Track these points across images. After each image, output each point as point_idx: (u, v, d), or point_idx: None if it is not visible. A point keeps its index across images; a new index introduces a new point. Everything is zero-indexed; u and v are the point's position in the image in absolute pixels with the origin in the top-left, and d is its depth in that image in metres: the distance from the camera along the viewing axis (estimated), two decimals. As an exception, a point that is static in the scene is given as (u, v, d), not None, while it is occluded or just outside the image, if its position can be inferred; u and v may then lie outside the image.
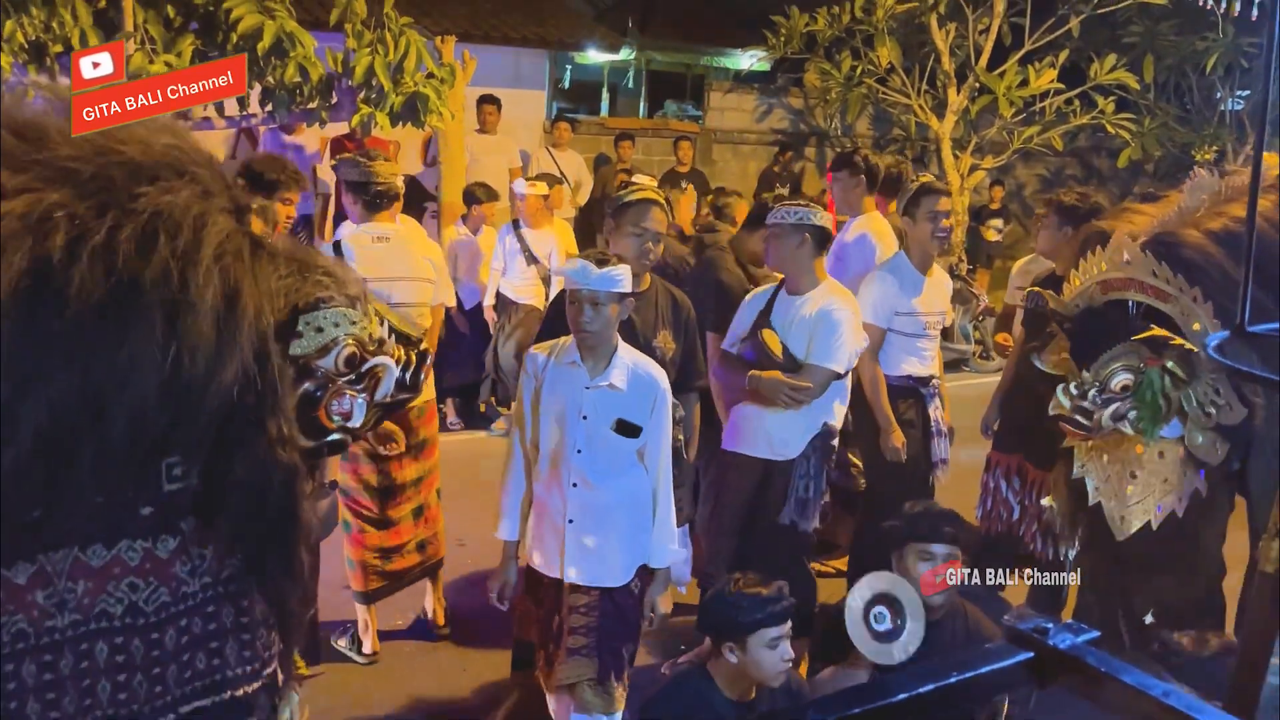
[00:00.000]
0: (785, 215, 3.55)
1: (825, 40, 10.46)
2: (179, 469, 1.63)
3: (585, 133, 10.86)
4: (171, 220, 1.50)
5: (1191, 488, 3.05)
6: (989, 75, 9.81)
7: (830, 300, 3.55)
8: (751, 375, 3.55)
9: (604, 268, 2.80)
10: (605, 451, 2.90)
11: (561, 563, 2.93)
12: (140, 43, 5.63)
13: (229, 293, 1.55)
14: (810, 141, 11.76)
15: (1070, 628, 1.00)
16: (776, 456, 3.58)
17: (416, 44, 6.30)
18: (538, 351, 3.00)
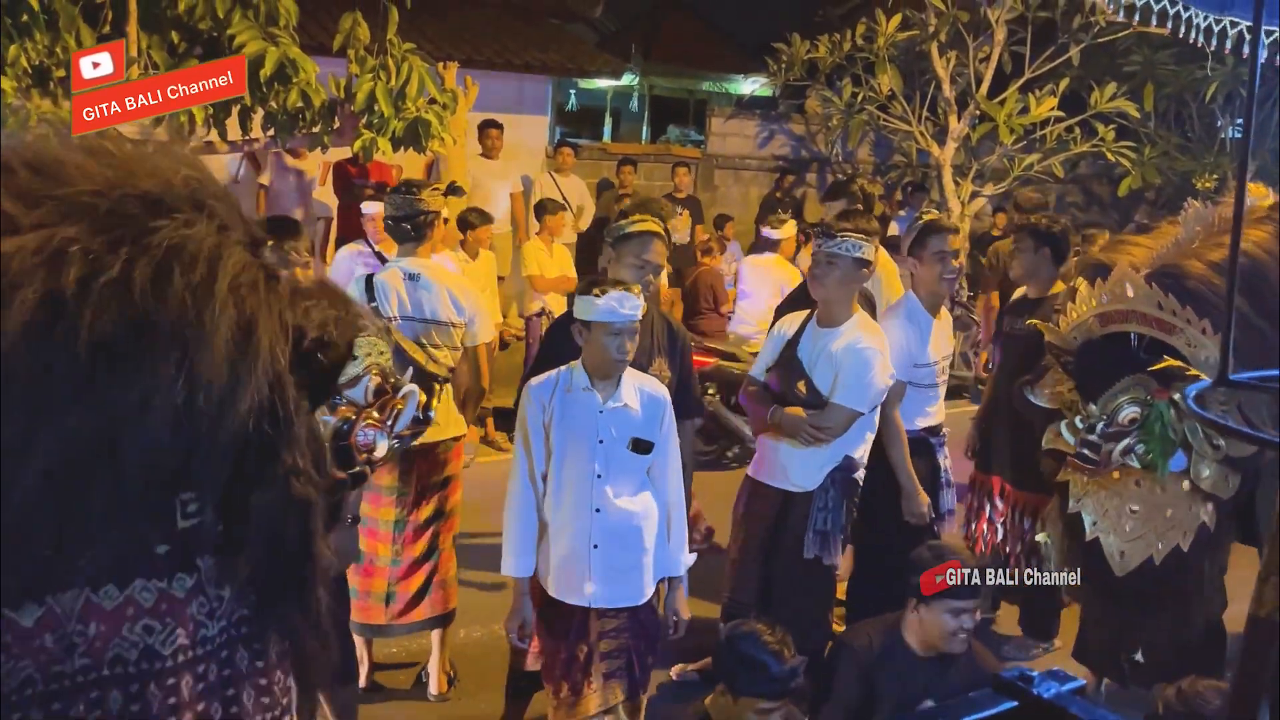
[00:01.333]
0: (847, 248, 3.43)
1: (826, 67, 10.51)
2: (194, 505, 1.57)
3: (588, 158, 10.90)
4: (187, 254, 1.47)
5: (1198, 521, 3.02)
6: (989, 103, 9.85)
7: (860, 337, 3.47)
8: (774, 410, 3.53)
9: (631, 298, 2.88)
10: (623, 472, 2.96)
11: (589, 589, 2.95)
12: (144, 68, 5.67)
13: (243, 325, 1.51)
14: (811, 167, 11.79)
15: (1055, 676, 0.99)
16: (795, 488, 3.54)
17: (419, 70, 6.33)
18: (541, 382, 3.01)
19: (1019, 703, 0.96)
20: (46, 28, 5.26)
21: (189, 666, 1.58)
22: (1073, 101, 10.11)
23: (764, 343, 3.77)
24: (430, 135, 6.50)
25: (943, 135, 10.20)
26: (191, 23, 5.92)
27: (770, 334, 3.76)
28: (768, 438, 3.61)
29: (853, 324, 3.51)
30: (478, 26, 10.00)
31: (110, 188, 1.51)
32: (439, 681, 3.89)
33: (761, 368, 3.69)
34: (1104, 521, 3.15)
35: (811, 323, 3.59)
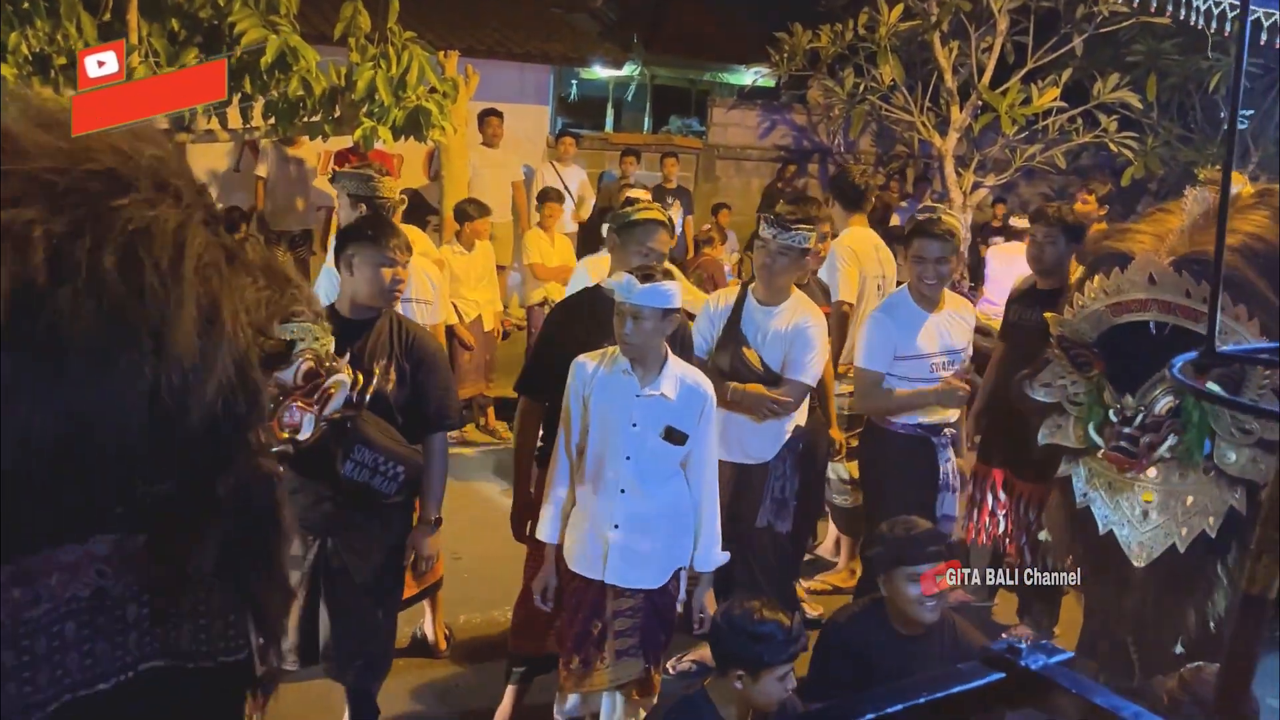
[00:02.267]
0: (800, 240, 3.60)
1: (828, 57, 10.48)
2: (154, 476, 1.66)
3: (589, 148, 10.88)
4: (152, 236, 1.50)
5: (1227, 506, 2.97)
6: (991, 93, 9.82)
7: (805, 315, 3.66)
8: (733, 389, 3.60)
9: (647, 283, 2.87)
10: (653, 459, 2.99)
11: (604, 566, 3.01)
12: (144, 55, 5.67)
13: (209, 306, 1.55)
14: (813, 158, 11.78)
15: (1043, 648, 1.00)
16: (751, 461, 3.65)
17: (419, 59, 6.33)
18: (587, 360, 3.06)
19: (1006, 674, 0.96)
20: (47, 15, 5.26)
21: (134, 598, 1.71)
22: (1075, 92, 10.08)
23: (698, 321, 3.81)
24: (431, 124, 6.50)
25: (945, 126, 10.17)
26: (192, 10, 5.91)
27: (704, 312, 3.83)
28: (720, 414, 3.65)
29: (793, 302, 3.68)
30: (479, 15, 9.98)
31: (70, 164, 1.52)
32: (439, 639, 3.99)
33: (702, 346, 3.75)
34: (1117, 514, 3.09)
35: (749, 300, 3.71)
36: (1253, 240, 3.03)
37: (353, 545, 3.03)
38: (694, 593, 3.17)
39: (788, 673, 2.64)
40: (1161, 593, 3.06)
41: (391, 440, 2.93)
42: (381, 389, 3.00)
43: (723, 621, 2.75)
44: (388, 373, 3.04)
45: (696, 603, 3.15)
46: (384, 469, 2.88)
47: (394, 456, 2.90)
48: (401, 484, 2.95)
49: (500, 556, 3.96)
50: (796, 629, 2.64)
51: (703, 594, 3.16)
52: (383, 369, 3.04)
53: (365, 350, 3.06)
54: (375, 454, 2.85)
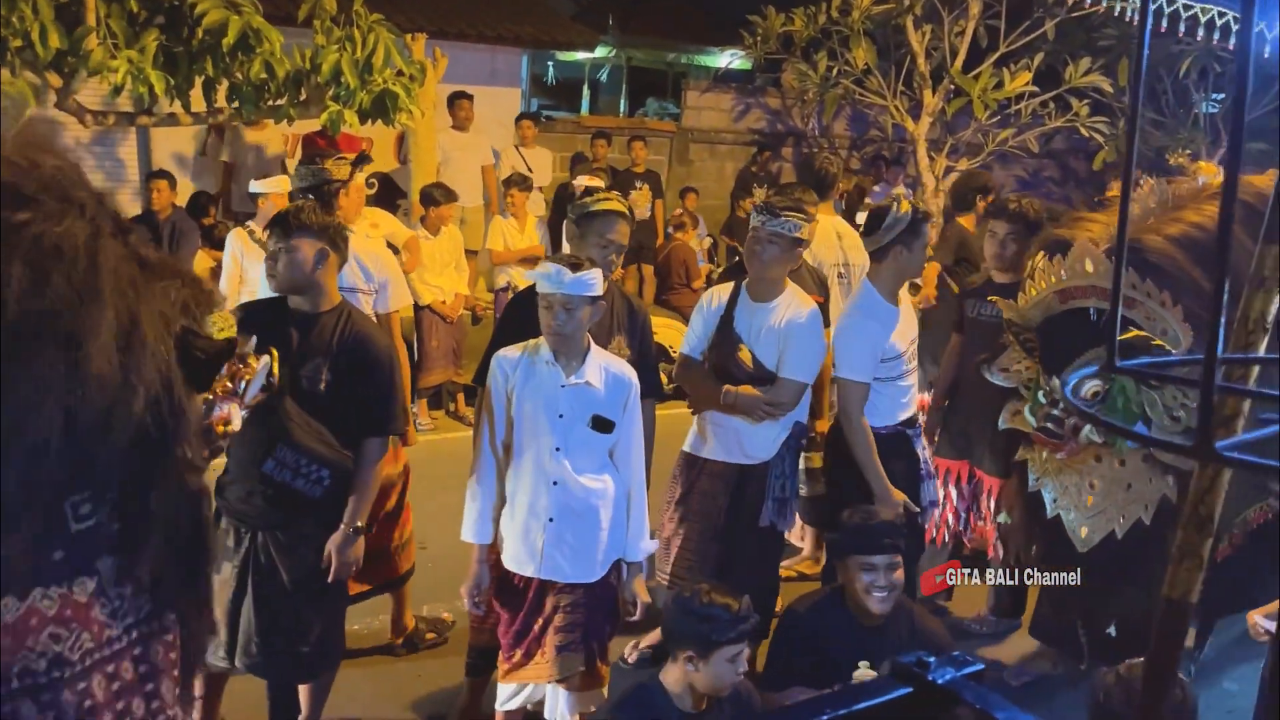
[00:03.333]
0: (789, 228, 3.49)
1: (802, 41, 10.44)
2: (86, 506, 1.54)
3: (562, 131, 10.82)
4: (62, 252, 1.43)
5: (1160, 494, 3.03)
6: (964, 77, 9.82)
7: (799, 311, 3.55)
8: (727, 391, 3.55)
9: (577, 273, 2.86)
10: (583, 449, 2.98)
11: (541, 562, 2.99)
12: (102, 38, 5.57)
13: (127, 322, 1.49)
14: (788, 141, 11.75)
15: (954, 661, 0.99)
16: (750, 461, 3.59)
17: (385, 41, 6.26)
18: (508, 354, 3.03)
19: (914, 688, 0.95)
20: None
21: (99, 667, 1.55)
22: (1048, 76, 10.09)
23: (692, 319, 3.76)
24: (398, 108, 6.44)
25: (918, 110, 10.17)
26: (152, -9, 5.81)
27: (698, 310, 3.76)
28: (714, 415, 3.62)
29: (787, 296, 3.58)
30: (448, -3, 9.87)
31: None
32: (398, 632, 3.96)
33: (697, 345, 3.69)
34: (1064, 498, 3.16)
35: (743, 296, 3.62)
36: (1195, 230, 3.07)
37: (282, 542, 2.95)
38: (625, 582, 3.12)
39: (737, 655, 2.63)
40: (1101, 577, 3.11)
41: (318, 442, 2.84)
42: (314, 388, 2.91)
43: (672, 604, 2.75)
44: (320, 370, 2.93)
45: (628, 592, 3.11)
46: (306, 471, 2.79)
47: (318, 459, 2.81)
48: (327, 488, 2.85)
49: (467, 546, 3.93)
50: (744, 611, 2.63)
51: (632, 582, 3.12)
52: (316, 366, 2.93)
53: (304, 345, 2.97)
54: (298, 455, 2.77)
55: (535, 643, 3.02)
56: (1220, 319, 0.61)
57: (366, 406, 3.02)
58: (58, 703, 1.51)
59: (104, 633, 1.57)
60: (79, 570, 1.56)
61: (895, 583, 2.98)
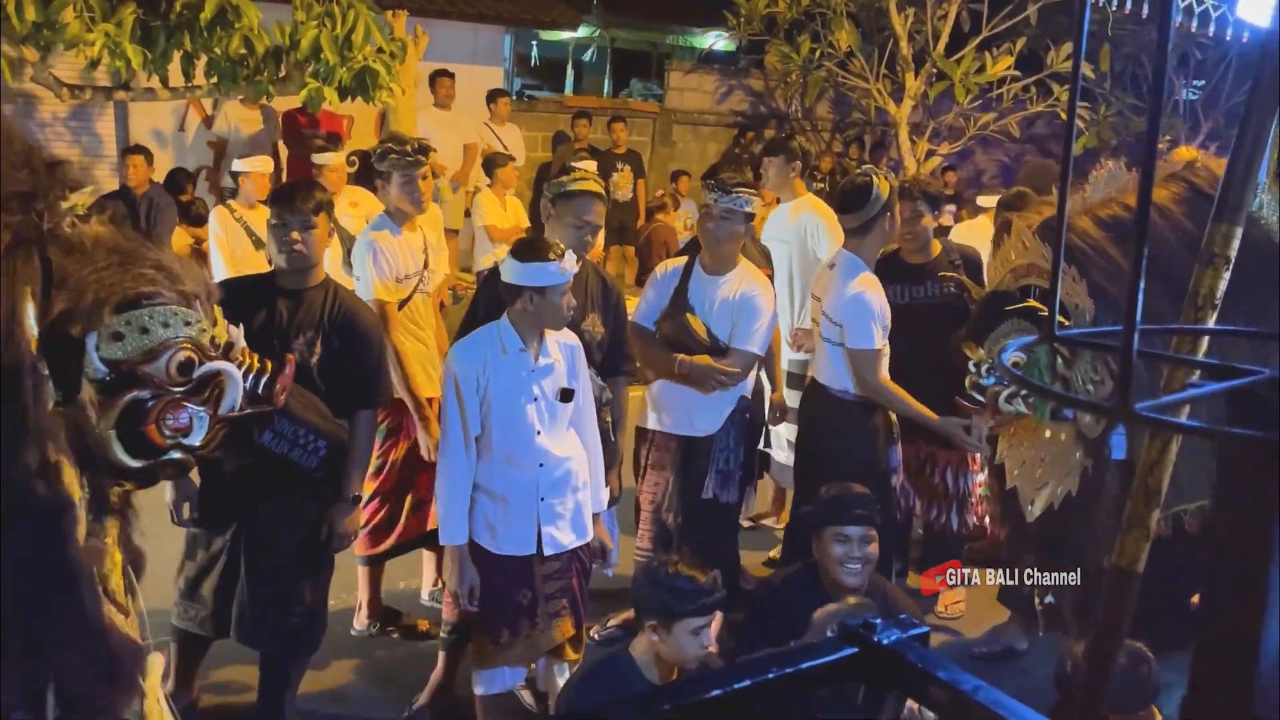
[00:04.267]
0: (741, 203, 3.58)
1: (785, 22, 10.43)
2: None
3: (544, 110, 10.78)
4: None
5: (1081, 467, 3.11)
6: (946, 61, 9.84)
7: (751, 284, 3.64)
8: (681, 360, 3.60)
9: (566, 259, 2.94)
10: (556, 425, 3.05)
11: (539, 538, 3.04)
12: (79, 11, 5.52)
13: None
14: (770, 123, 11.75)
15: (900, 624, 1.02)
16: (697, 433, 3.67)
17: (365, 17, 6.22)
18: (469, 352, 3.01)
19: (859, 649, 0.98)
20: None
21: None
22: (1030, 61, 10.12)
23: (645, 289, 3.83)
24: (378, 85, 6.40)
25: (900, 93, 10.19)
26: (128, -35, 5.74)
27: (652, 280, 3.83)
28: (666, 386, 3.68)
29: (740, 271, 3.67)
30: (432, -26, 9.80)
31: None
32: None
33: (649, 315, 3.74)
34: (1021, 471, 3.24)
35: (696, 269, 3.69)
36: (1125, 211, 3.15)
37: (276, 514, 2.98)
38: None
39: (702, 628, 2.65)
40: (1047, 547, 3.20)
41: (314, 414, 2.88)
42: (306, 361, 2.93)
43: (640, 575, 2.79)
44: (313, 345, 2.97)
45: (595, 540, 3.21)
46: (303, 442, 2.82)
47: (315, 430, 2.85)
48: (322, 458, 2.89)
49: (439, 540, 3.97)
50: (709, 583, 2.66)
51: (597, 528, 3.23)
52: (308, 340, 2.97)
53: (294, 320, 2.99)
54: (295, 426, 2.80)
55: (525, 617, 3.05)
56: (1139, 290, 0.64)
57: (357, 380, 3.07)
58: None
59: None
60: None
61: (869, 556, 3.02)
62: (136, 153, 7.04)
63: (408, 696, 3.52)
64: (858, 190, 3.65)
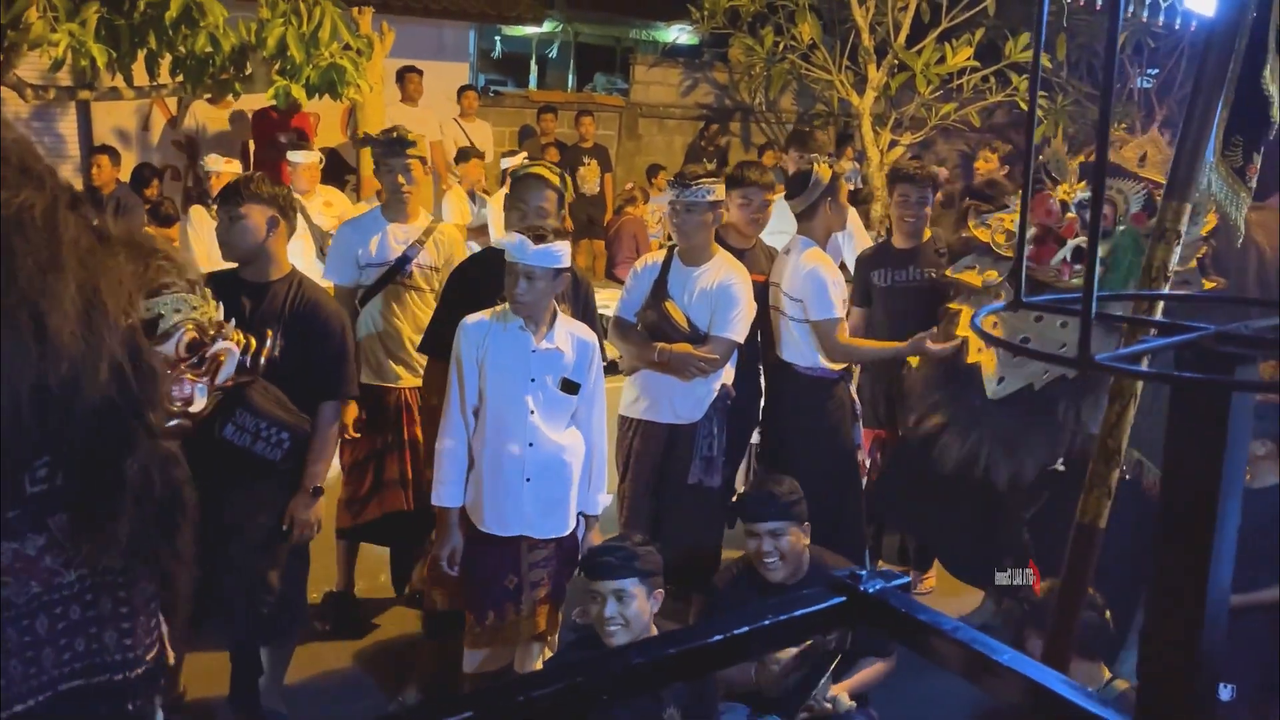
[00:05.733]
0: (703, 194, 3.67)
1: (748, 16, 10.51)
2: (43, 470, 1.62)
3: (510, 105, 10.81)
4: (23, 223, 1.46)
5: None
6: (907, 52, 9.97)
7: (729, 274, 3.71)
8: (661, 349, 3.67)
9: (540, 244, 2.94)
10: (554, 411, 3.09)
11: (521, 521, 3.09)
12: (42, 10, 5.48)
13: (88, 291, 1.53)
14: (735, 116, 11.85)
15: (884, 575, 1.10)
16: (681, 421, 3.75)
17: (332, 14, 6.21)
18: (474, 321, 3.10)
19: (847, 598, 1.06)
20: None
21: (45, 609, 1.66)
22: (989, 51, 10.27)
23: (627, 283, 3.91)
24: (345, 82, 6.40)
25: (863, 84, 10.31)
26: (91, -37, 5.70)
27: (632, 274, 3.91)
28: (648, 375, 3.75)
29: (717, 261, 3.75)
30: (395, -30, 9.78)
31: None
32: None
33: (631, 307, 3.82)
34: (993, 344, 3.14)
35: (675, 261, 3.79)
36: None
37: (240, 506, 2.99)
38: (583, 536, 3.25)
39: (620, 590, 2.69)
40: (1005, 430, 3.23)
41: (277, 406, 2.88)
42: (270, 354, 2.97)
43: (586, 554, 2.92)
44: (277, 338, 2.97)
45: (585, 544, 3.23)
46: (265, 434, 2.81)
47: (277, 423, 2.84)
48: (287, 451, 2.88)
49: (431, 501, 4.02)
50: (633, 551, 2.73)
51: (590, 534, 3.26)
52: (272, 334, 3.01)
53: (257, 314, 3.02)
54: (257, 419, 2.79)
55: (510, 601, 3.12)
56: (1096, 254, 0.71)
57: (320, 372, 3.10)
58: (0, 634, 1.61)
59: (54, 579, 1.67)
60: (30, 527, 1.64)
61: (785, 550, 3.07)
62: (102, 153, 7.01)
63: (397, 687, 3.58)
64: (799, 177, 3.89)
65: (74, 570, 1.70)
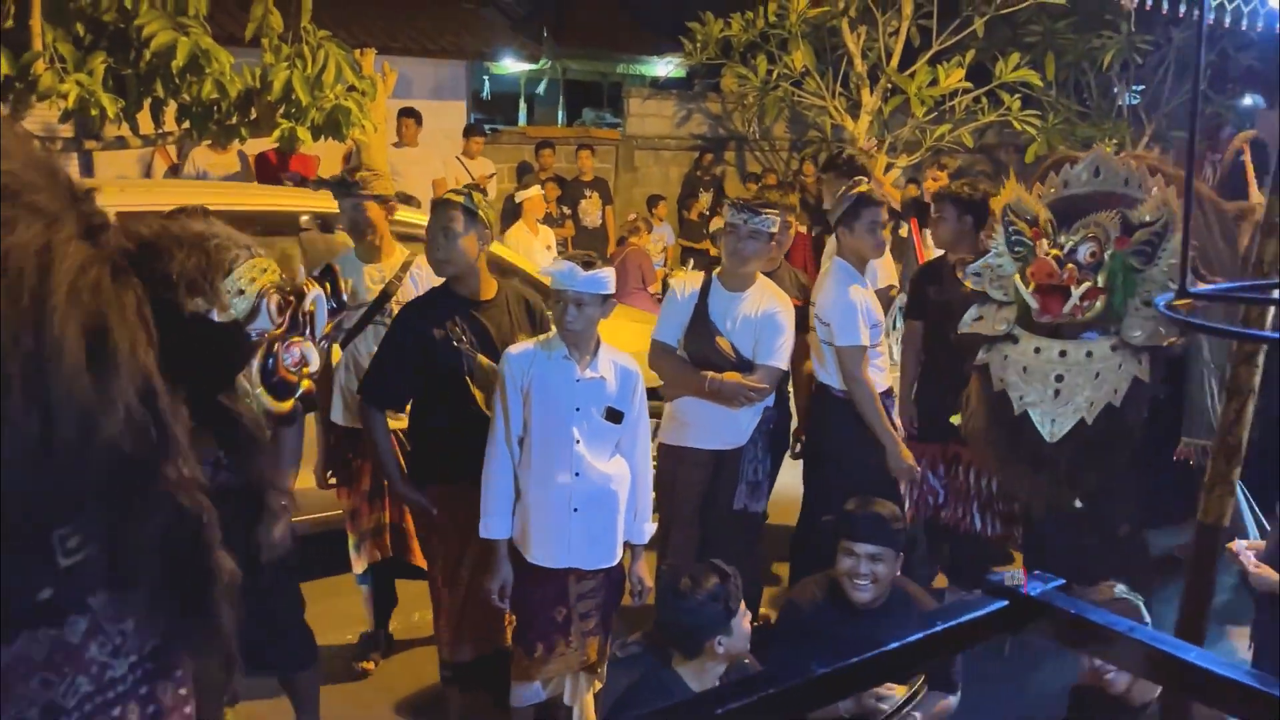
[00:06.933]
0: (768, 224, 3.66)
1: (740, 45, 10.62)
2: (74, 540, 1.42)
3: (507, 142, 10.86)
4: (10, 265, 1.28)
5: (1130, 376, 3.17)
6: (900, 76, 10.08)
7: (773, 302, 3.71)
8: (711, 379, 3.65)
9: (589, 270, 2.93)
10: (598, 440, 3.06)
11: (570, 552, 3.05)
12: (50, 61, 5.49)
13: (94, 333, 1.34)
14: (729, 145, 11.93)
15: (1040, 578, 1.08)
16: (726, 446, 3.72)
17: (336, 57, 6.25)
18: (520, 349, 3.09)
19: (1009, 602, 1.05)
20: (-54, 22, 5.05)
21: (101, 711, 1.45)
22: (978, 73, 10.39)
23: (663, 308, 3.88)
24: (350, 123, 6.44)
25: (856, 109, 10.40)
26: (97, 15, 5.73)
27: (669, 299, 3.88)
28: (688, 403, 3.73)
29: (759, 288, 3.74)
30: (390, 12, 9.87)
31: None
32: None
33: (671, 333, 3.79)
34: (1031, 395, 3.24)
35: (715, 286, 3.76)
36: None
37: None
38: (631, 565, 3.22)
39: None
40: (1070, 465, 3.25)
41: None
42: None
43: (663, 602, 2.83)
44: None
45: (633, 575, 3.21)
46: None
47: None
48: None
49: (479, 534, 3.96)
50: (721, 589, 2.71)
51: (638, 566, 3.23)
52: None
53: None
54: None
55: (559, 632, 3.09)
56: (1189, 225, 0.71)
57: None
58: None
59: (104, 674, 1.47)
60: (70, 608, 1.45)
61: (879, 575, 3.04)
62: (107, 202, 6.98)
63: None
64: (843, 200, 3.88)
65: (124, 659, 1.50)
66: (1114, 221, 3.14)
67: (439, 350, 3.21)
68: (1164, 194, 3.14)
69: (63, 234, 1.35)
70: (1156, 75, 11.02)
